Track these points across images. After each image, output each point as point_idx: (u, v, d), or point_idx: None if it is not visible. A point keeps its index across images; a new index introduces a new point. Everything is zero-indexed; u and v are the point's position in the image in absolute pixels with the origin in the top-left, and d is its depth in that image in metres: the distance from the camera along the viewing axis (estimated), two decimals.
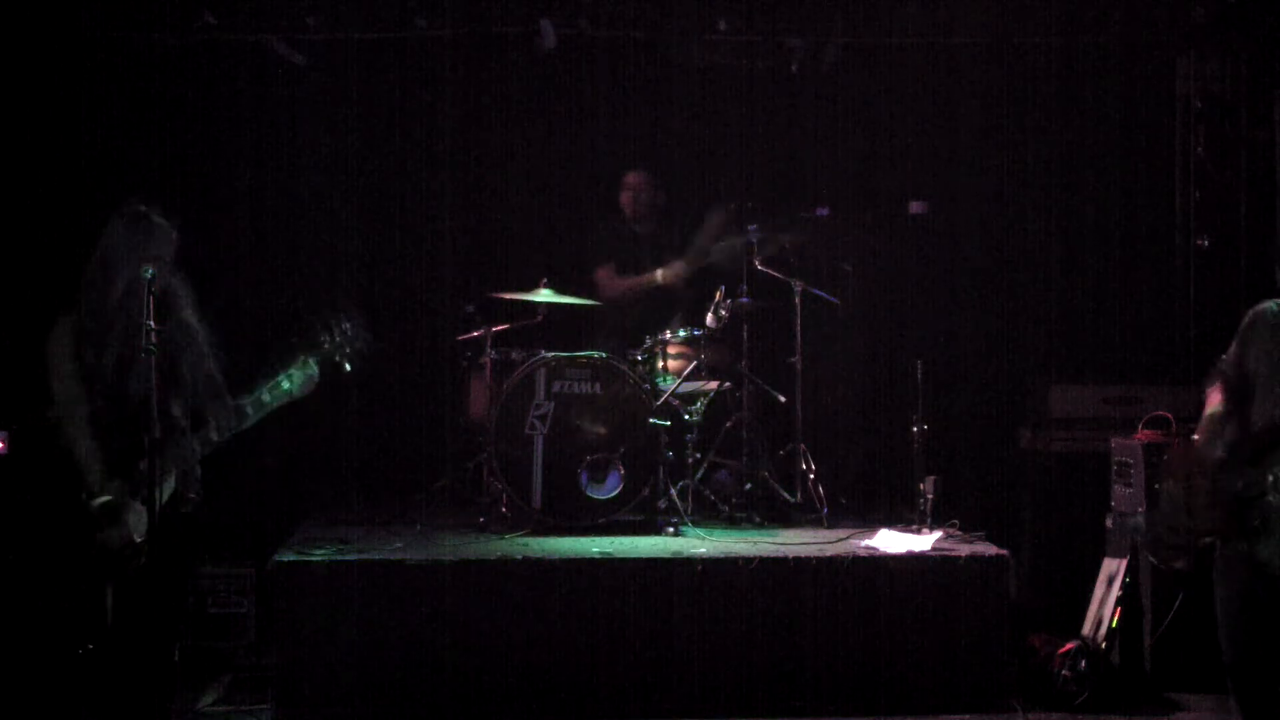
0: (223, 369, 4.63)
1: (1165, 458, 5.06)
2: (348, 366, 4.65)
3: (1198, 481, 4.63)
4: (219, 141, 7.45)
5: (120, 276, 4.36)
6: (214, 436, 4.49)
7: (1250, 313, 4.67)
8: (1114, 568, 6.10)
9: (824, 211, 7.45)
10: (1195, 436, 4.70)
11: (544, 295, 6.78)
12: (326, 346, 4.64)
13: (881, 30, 7.34)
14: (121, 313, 4.35)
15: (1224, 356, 4.76)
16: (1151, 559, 5.17)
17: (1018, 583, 5.84)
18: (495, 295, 6.89)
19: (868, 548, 5.96)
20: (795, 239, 6.98)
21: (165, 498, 4.40)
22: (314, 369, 4.58)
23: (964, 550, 5.87)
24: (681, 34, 7.48)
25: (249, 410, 4.51)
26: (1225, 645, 4.59)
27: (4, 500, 5.44)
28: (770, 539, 6.15)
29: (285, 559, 5.67)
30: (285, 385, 4.55)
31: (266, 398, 4.54)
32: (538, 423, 6.40)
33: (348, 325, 4.69)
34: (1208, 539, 4.63)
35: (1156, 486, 4.95)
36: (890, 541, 5.97)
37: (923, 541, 5.96)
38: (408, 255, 7.78)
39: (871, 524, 6.37)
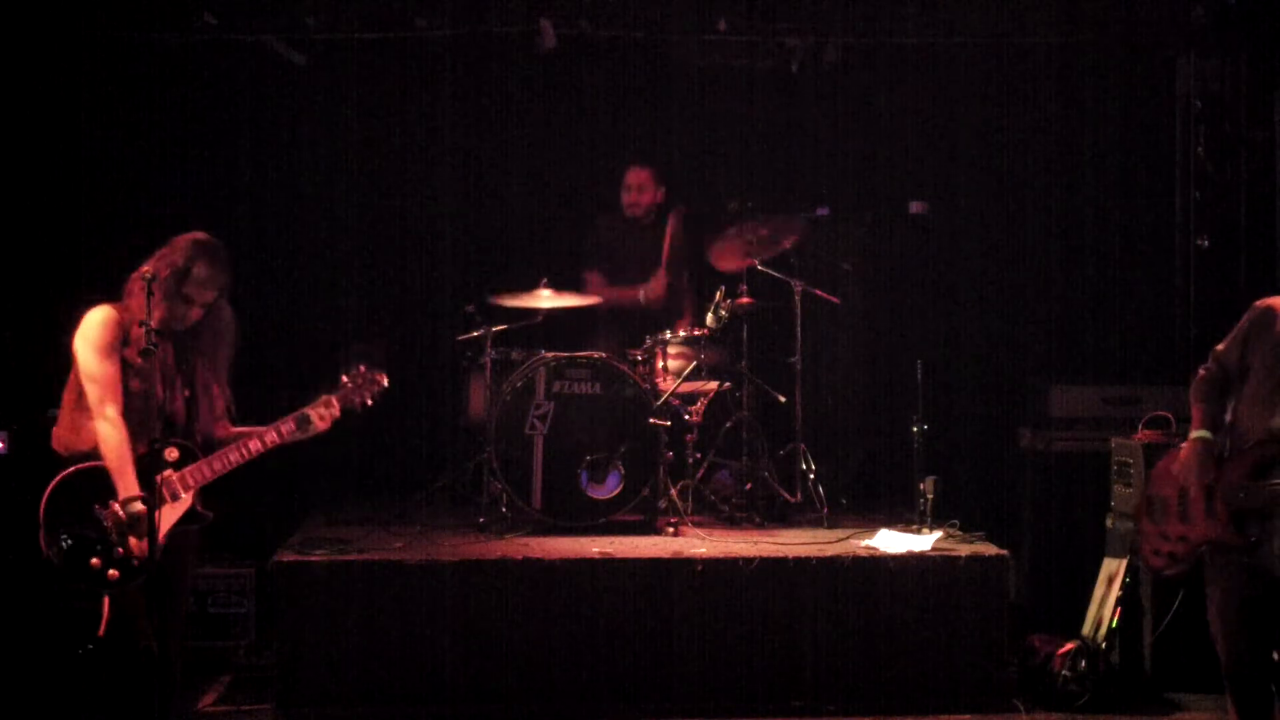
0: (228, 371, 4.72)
1: (1155, 467, 5.05)
2: (359, 408, 4.82)
3: (1193, 493, 4.62)
4: (219, 141, 7.45)
5: (152, 289, 4.37)
6: (234, 459, 4.56)
7: (1257, 307, 4.62)
8: (1114, 568, 6.10)
9: (824, 211, 7.45)
10: (1183, 449, 4.68)
11: (545, 297, 6.78)
12: (349, 389, 4.75)
13: (881, 30, 7.34)
14: (154, 326, 4.35)
15: (1218, 349, 4.72)
16: (1146, 565, 5.17)
17: (1018, 583, 5.83)
18: (496, 301, 6.89)
19: (868, 548, 5.96)
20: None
21: (180, 514, 4.47)
22: (335, 407, 4.71)
23: (964, 550, 5.88)
24: (681, 34, 7.48)
25: (271, 438, 4.61)
26: (1221, 648, 4.59)
27: (4, 500, 5.44)
28: (770, 539, 6.15)
29: (285, 559, 5.68)
30: (309, 420, 4.65)
31: (290, 427, 4.65)
32: (538, 423, 6.40)
33: (369, 371, 4.80)
34: (1203, 548, 4.63)
35: (1150, 494, 4.94)
36: (890, 541, 5.97)
37: (923, 541, 5.96)
38: (408, 255, 7.78)
39: (871, 524, 6.37)
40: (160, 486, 4.34)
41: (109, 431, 4.35)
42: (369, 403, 4.80)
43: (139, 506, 4.31)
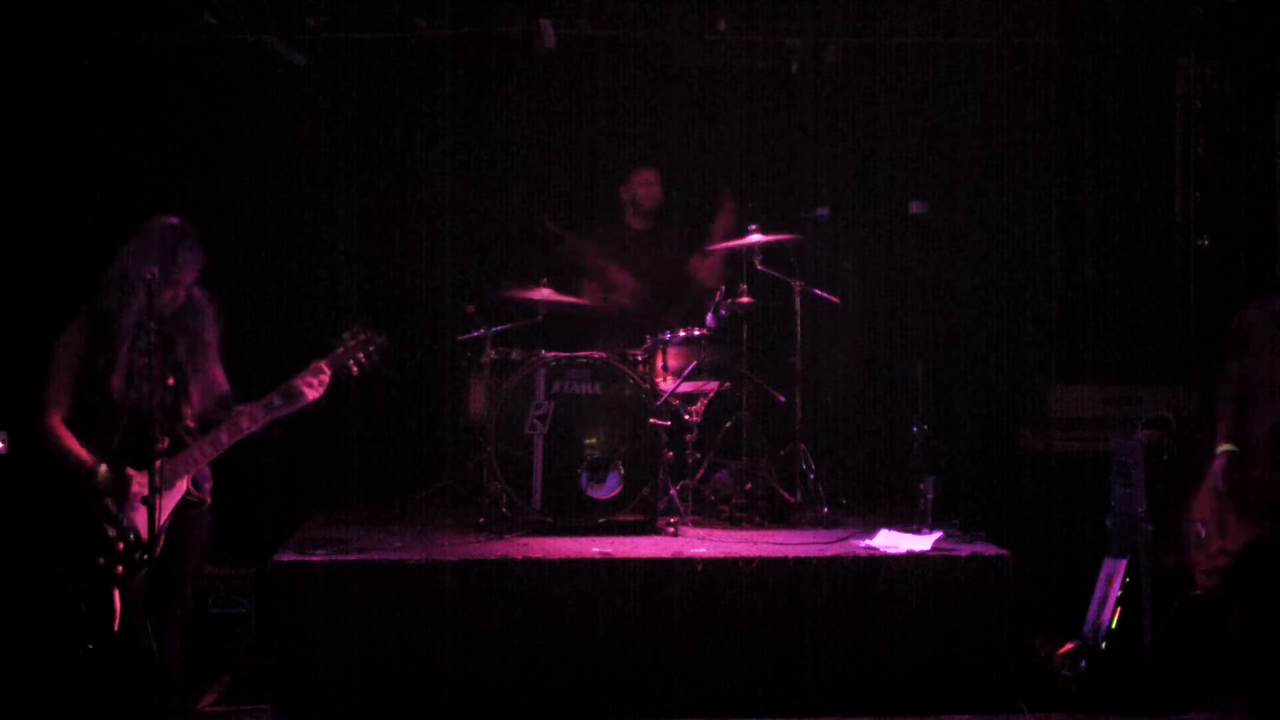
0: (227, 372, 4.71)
1: (1195, 500, 5.01)
2: (356, 370, 4.75)
3: (1226, 502, 4.62)
4: (219, 141, 7.45)
5: (143, 286, 4.37)
6: (224, 439, 4.55)
7: (1239, 316, 4.70)
8: (1114, 568, 6.09)
9: (824, 212, 7.46)
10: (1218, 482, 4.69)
11: (545, 297, 6.79)
12: (340, 352, 4.71)
13: (881, 30, 7.34)
14: (140, 321, 4.37)
15: (1223, 374, 4.77)
16: (1203, 592, 5.15)
17: (1018, 583, 5.83)
18: (497, 295, 6.89)
19: (868, 548, 5.96)
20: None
21: (176, 501, 4.46)
22: (326, 373, 4.67)
23: (964, 550, 5.88)
24: (681, 34, 7.48)
25: (260, 414, 4.58)
26: (1243, 644, 4.59)
27: (4, 500, 5.45)
28: (770, 539, 6.15)
29: (285, 559, 5.68)
30: (298, 389, 4.62)
31: (279, 401, 4.60)
32: (538, 423, 6.40)
33: (361, 331, 4.77)
34: (1243, 550, 4.63)
35: (1190, 524, 4.92)
36: (890, 541, 5.98)
37: (923, 541, 5.96)
38: (408, 255, 7.78)
39: (871, 524, 6.37)
40: (155, 476, 4.33)
41: (45, 432, 4.43)
42: (366, 363, 4.73)
43: (103, 471, 4.34)
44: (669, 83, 7.89)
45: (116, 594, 4.36)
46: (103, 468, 4.38)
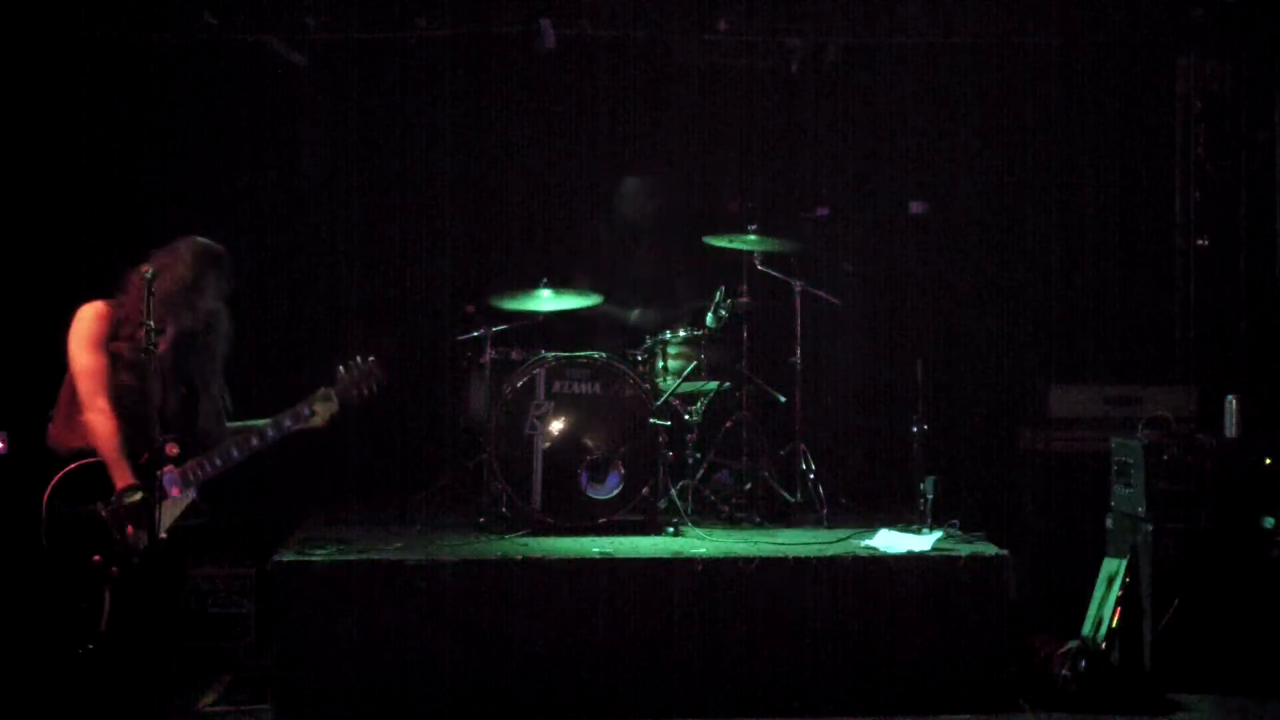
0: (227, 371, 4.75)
1: None
2: (366, 395, 4.92)
3: None
4: (219, 141, 7.45)
5: (163, 303, 4.40)
6: (235, 454, 4.59)
7: None
8: (1114, 568, 6.10)
9: (824, 212, 7.46)
10: None
11: (544, 298, 6.79)
12: (345, 380, 4.78)
13: (881, 30, 7.34)
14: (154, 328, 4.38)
15: None
16: None
17: (1017, 583, 5.84)
18: (497, 305, 6.90)
19: (868, 548, 5.96)
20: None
21: (181, 509, 4.48)
22: (334, 401, 4.74)
23: (964, 550, 5.88)
24: (681, 34, 7.48)
25: (270, 433, 4.62)
26: None
27: (4, 500, 5.45)
28: (770, 539, 6.15)
29: (285, 559, 5.67)
30: (307, 413, 4.71)
31: (289, 423, 4.66)
32: (538, 423, 6.40)
33: (363, 361, 4.84)
34: None
35: None
36: (890, 541, 5.97)
37: (923, 541, 5.96)
38: (408, 255, 7.78)
39: (871, 524, 6.37)
40: (161, 482, 4.36)
41: (100, 423, 4.39)
42: (367, 395, 4.85)
43: (137, 497, 4.33)
44: (669, 83, 7.88)
45: (107, 594, 4.36)
46: (136, 494, 4.37)
